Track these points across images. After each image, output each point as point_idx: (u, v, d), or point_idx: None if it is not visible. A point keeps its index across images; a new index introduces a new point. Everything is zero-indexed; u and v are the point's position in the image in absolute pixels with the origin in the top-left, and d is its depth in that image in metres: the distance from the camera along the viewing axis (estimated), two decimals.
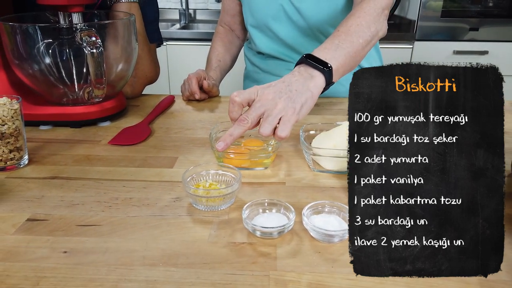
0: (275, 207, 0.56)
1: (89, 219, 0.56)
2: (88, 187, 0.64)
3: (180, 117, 0.95)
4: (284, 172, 0.69)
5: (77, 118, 0.88)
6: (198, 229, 0.54)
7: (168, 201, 0.60)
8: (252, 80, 1.23)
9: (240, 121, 0.64)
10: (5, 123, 0.65)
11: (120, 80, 0.95)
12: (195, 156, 0.75)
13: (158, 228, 0.54)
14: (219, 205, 0.58)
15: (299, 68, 0.71)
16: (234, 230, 0.53)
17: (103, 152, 0.76)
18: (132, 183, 0.65)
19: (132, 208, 0.58)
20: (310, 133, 0.77)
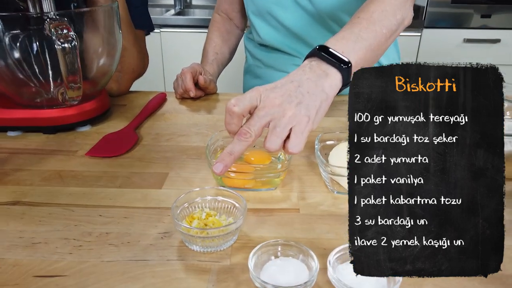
0: (291, 250, 0.43)
1: (52, 266, 0.43)
2: (55, 216, 0.52)
3: (173, 120, 0.82)
4: (296, 195, 0.57)
5: (51, 122, 0.75)
6: (192, 281, 0.42)
7: (154, 237, 0.48)
8: (253, 76, 1.09)
9: (240, 135, 0.49)
10: None
11: (103, 77, 0.82)
12: (189, 172, 0.62)
13: (139, 280, 0.42)
14: (218, 245, 0.45)
15: (311, 62, 0.56)
16: (238, 283, 0.41)
17: (79, 167, 0.64)
18: (110, 211, 0.53)
19: (108, 248, 0.46)
20: (326, 143, 0.64)
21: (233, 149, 0.49)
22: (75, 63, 0.66)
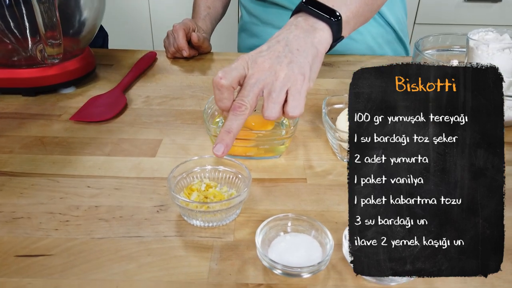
0: (302, 225, 0.40)
1: (36, 244, 0.39)
2: (38, 188, 0.47)
3: (164, 81, 0.76)
4: (302, 163, 0.53)
5: (31, 83, 0.68)
6: (192, 260, 0.38)
7: (149, 211, 0.44)
8: (249, 34, 1.02)
9: (235, 110, 0.44)
10: None
11: (87, 32, 0.74)
12: (185, 139, 0.57)
13: (134, 259, 0.38)
14: (220, 219, 0.41)
15: (297, 19, 0.51)
16: (244, 262, 0.38)
17: (63, 133, 0.58)
18: (100, 182, 0.48)
19: (98, 224, 0.42)
20: (334, 107, 0.59)
21: (230, 126, 0.44)
22: (53, 16, 0.58)
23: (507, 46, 0.58)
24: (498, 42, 0.59)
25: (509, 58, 0.59)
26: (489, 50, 0.59)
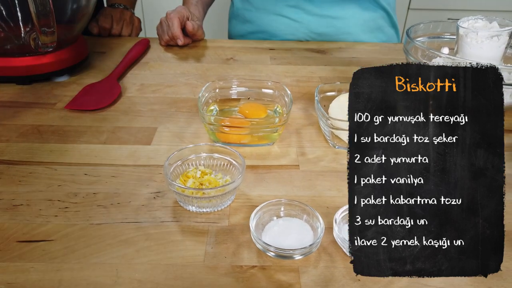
0: (294, 210, 0.41)
1: (36, 230, 0.40)
2: (36, 176, 0.48)
3: (158, 69, 0.77)
4: (295, 150, 0.54)
5: (25, 72, 0.69)
6: (189, 244, 0.39)
7: (146, 197, 0.45)
8: (241, 20, 1.01)
9: None
10: None
11: (79, 20, 0.74)
12: (179, 127, 0.58)
13: (132, 244, 0.39)
14: (215, 205, 0.43)
15: None
16: (238, 245, 0.39)
17: (59, 121, 0.59)
18: (97, 170, 0.49)
19: (96, 210, 0.43)
20: (326, 94, 0.60)
21: None
22: (46, 4, 0.58)
23: (495, 34, 0.59)
24: (487, 30, 0.60)
25: (497, 45, 0.60)
26: (478, 37, 0.60)
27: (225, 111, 0.60)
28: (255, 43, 0.90)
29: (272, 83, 0.60)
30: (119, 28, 0.89)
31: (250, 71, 0.77)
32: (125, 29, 0.90)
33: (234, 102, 0.61)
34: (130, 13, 0.94)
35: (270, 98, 0.61)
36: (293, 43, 0.91)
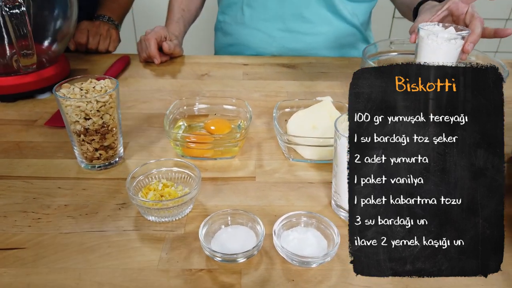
0: (240, 218, 0.46)
1: (11, 239, 0.45)
2: (14, 189, 0.52)
3: (135, 85, 0.82)
4: (254, 162, 0.59)
5: (9, 90, 0.73)
6: (146, 250, 0.44)
7: (112, 208, 0.50)
8: (223, 33, 1.07)
9: None
10: (89, 118, 0.51)
11: (60, 41, 0.79)
12: (149, 141, 0.63)
13: (96, 250, 0.44)
14: (173, 215, 0.48)
15: None
16: (190, 251, 0.44)
17: (38, 137, 0.63)
18: (69, 183, 0.54)
19: (66, 220, 0.48)
20: (285, 111, 0.65)
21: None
22: (25, 30, 0.63)
23: (453, 37, 0.64)
24: (446, 33, 0.65)
25: (454, 48, 0.64)
26: (438, 39, 0.65)
27: (193, 126, 0.65)
28: (229, 59, 0.96)
29: (235, 100, 0.65)
30: (95, 43, 0.91)
31: (222, 86, 0.82)
32: (102, 43, 0.92)
33: (201, 118, 0.66)
34: (107, 26, 0.95)
35: (234, 113, 0.66)
36: (266, 58, 0.96)
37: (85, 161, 0.55)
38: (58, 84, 0.53)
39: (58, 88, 0.52)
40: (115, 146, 0.56)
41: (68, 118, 0.52)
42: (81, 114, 0.51)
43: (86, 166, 0.56)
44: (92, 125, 0.52)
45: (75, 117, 0.51)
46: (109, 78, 0.55)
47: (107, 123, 0.53)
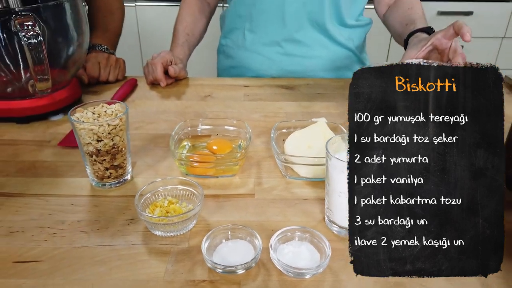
0: (240, 233, 0.50)
1: (29, 252, 0.49)
2: (31, 206, 0.56)
3: (142, 107, 0.86)
4: (253, 180, 0.63)
5: (24, 113, 0.78)
6: (153, 263, 0.48)
7: (121, 224, 0.54)
8: (225, 56, 1.12)
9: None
10: (101, 140, 0.56)
11: (73, 66, 0.84)
12: (155, 160, 0.67)
13: (106, 263, 0.47)
14: (178, 229, 0.51)
15: None
16: (194, 264, 0.48)
17: (52, 157, 0.68)
18: (82, 200, 0.58)
19: (79, 235, 0.51)
20: (283, 131, 0.70)
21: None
22: (42, 57, 0.68)
23: None
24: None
25: None
26: None
27: (196, 146, 0.69)
28: (231, 80, 1.01)
29: (236, 121, 0.70)
30: (106, 75, 0.95)
31: (224, 107, 0.87)
32: (112, 74, 0.96)
33: (204, 138, 0.71)
34: (114, 57, 0.99)
35: (235, 134, 0.70)
36: (266, 80, 1.01)
37: (96, 179, 0.60)
38: (73, 109, 0.58)
39: (72, 112, 0.57)
40: (124, 165, 0.60)
41: (82, 140, 0.56)
42: (93, 137, 0.55)
43: (97, 184, 0.60)
44: (104, 147, 0.56)
45: (88, 139, 0.55)
46: (119, 103, 0.60)
47: (117, 145, 0.57)
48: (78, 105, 0.58)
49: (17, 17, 0.66)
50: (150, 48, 2.09)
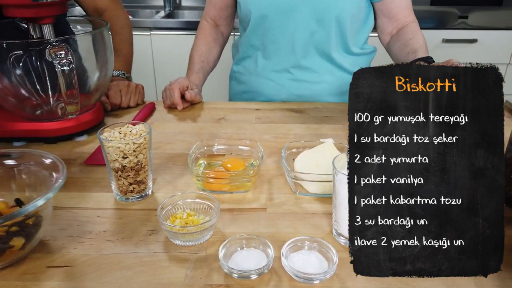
0: (253, 242, 0.54)
1: (61, 258, 0.53)
2: (61, 218, 0.61)
3: (160, 128, 0.92)
4: (265, 196, 0.67)
5: (51, 134, 0.84)
6: (173, 269, 0.52)
7: (144, 234, 0.58)
8: (237, 82, 1.19)
9: None
10: (127, 157, 0.61)
11: (97, 91, 0.91)
12: (173, 177, 0.72)
13: (131, 268, 0.52)
14: (196, 239, 0.56)
15: None
16: (211, 270, 0.52)
17: (78, 174, 0.73)
18: (107, 212, 0.63)
19: (106, 244, 0.56)
20: (292, 151, 0.74)
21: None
22: (73, 83, 0.75)
23: None
24: None
25: None
26: None
27: (212, 164, 0.74)
28: (244, 104, 1.06)
29: (249, 142, 0.75)
30: (127, 101, 1.01)
31: (237, 129, 0.92)
32: (133, 100, 1.02)
33: (219, 157, 0.76)
34: (134, 84, 1.05)
35: (248, 153, 0.75)
36: (277, 104, 1.06)
37: (120, 194, 0.65)
38: (101, 129, 0.63)
39: (101, 132, 0.63)
40: (146, 181, 0.65)
41: (109, 157, 0.61)
42: (120, 154, 0.61)
43: (121, 198, 0.65)
44: (129, 163, 0.61)
45: (115, 156, 0.61)
46: (143, 124, 0.65)
47: (141, 161, 0.62)
48: (106, 126, 0.64)
49: (52, 47, 0.73)
50: (163, 76, 2.18)
